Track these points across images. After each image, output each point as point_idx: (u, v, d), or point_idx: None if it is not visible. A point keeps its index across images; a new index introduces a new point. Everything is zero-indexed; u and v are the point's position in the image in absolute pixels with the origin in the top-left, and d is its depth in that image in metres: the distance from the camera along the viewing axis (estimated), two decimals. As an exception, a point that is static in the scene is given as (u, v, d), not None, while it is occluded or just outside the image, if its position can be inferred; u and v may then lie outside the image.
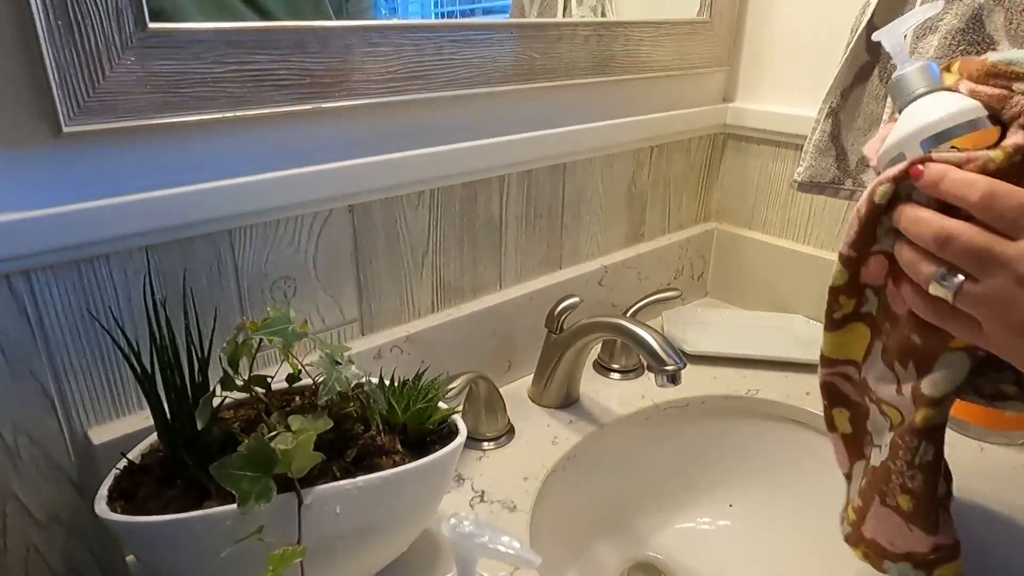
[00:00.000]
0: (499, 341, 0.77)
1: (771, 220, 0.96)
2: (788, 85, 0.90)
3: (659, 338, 0.64)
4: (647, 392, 0.79)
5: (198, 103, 0.49)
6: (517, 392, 0.79)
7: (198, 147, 0.52)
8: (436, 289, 0.71)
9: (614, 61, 0.77)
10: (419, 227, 0.67)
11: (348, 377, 0.48)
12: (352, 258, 0.63)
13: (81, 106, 0.45)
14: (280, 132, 0.55)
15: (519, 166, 0.73)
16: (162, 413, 0.47)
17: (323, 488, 0.44)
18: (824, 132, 0.73)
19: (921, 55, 0.64)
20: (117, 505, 0.45)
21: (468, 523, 0.39)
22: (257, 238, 0.57)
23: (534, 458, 0.68)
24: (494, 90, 0.67)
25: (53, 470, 0.52)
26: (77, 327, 0.50)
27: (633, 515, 0.77)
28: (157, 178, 0.50)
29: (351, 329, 0.66)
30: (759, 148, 0.95)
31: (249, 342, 0.47)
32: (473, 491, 0.63)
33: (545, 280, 0.81)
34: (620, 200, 0.87)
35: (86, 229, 0.47)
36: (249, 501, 0.41)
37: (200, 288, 0.55)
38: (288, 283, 0.60)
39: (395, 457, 0.50)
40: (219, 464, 0.41)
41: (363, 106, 0.59)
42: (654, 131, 0.86)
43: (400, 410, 0.53)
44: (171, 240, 0.52)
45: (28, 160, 0.45)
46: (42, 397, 0.50)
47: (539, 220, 0.78)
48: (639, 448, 0.78)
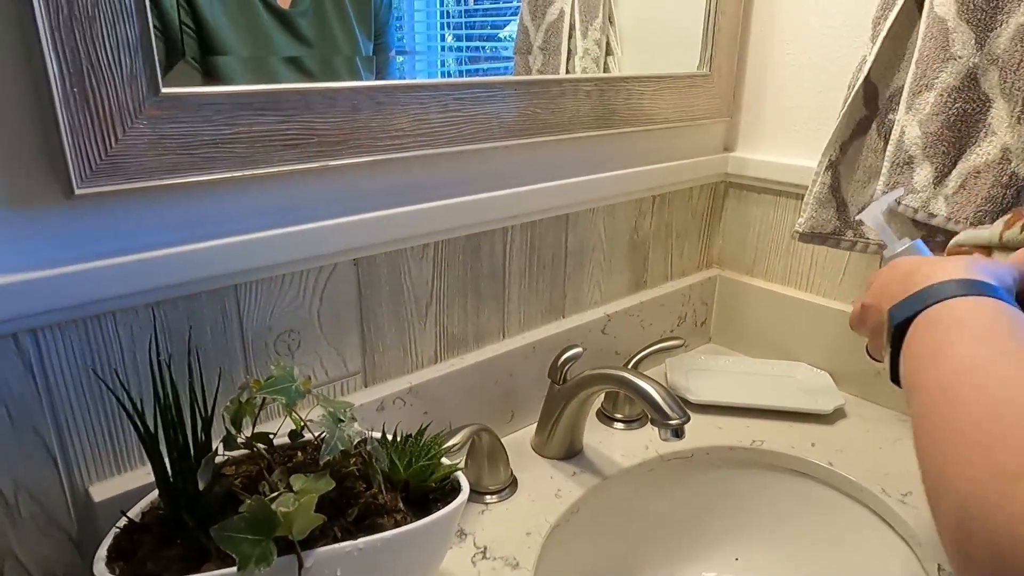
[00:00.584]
0: (502, 391, 0.77)
1: (773, 268, 0.96)
2: (787, 136, 0.91)
3: (662, 391, 0.64)
4: (651, 443, 0.78)
5: (207, 163, 0.50)
6: (520, 442, 0.78)
7: (206, 205, 0.53)
8: (439, 339, 0.72)
9: (616, 115, 0.79)
10: (423, 279, 0.68)
11: (351, 435, 0.48)
12: (356, 310, 0.64)
13: (93, 169, 0.46)
14: (287, 189, 0.56)
15: (522, 218, 0.74)
16: (164, 472, 0.46)
17: (324, 551, 0.44)
18: (824, 184, 0.74)
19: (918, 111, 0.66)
20: (116, 566, 0.45)
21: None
22: (262, 293, 0.57)
23: (537, 512, 0.67)
24: (498, 145, 0.68)
25: (52, 527, 0.52)
26: (81, 384, 0.50)
27: (637, 569, 0.76)
28: (165, 236, 0.51)
29: (354, 381, 0.66)
30: (760, 197, 0.96)
31: (252, 401, 0.47)
32: (475, 547, 0.62)
33: (548, 329, 0.81)
34: (622, 248, 0.88)
35: (94, 287, 0.48)
36: (249, 565, 0.40)
37: (205, 342, 0.55)
38: (292, 336, 0.60)
39: (396, 516, 0.49)
40: (220, 527, 0.41)
41: (368, 163, 0.60)
42: (656, 181, 0.87)
43: (402, 467, 0.52)
44: (177, 296, 0.53)
45: (39, 221, 0.46)
46: (44, 454, 0.50)
47: (542, 270, 0.79)
48: (643, 500, 0.77)
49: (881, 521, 0.71)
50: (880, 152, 0.73)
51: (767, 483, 0.79)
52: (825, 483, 0.75)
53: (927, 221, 0.67)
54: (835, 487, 0.75)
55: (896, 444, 0.79)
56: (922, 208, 0.67)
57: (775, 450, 0.78)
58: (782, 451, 0.77)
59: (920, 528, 0.66)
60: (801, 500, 0.77)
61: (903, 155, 0.68)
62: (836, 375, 0.89)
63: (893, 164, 0.69)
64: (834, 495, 0.75)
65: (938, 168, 0.66)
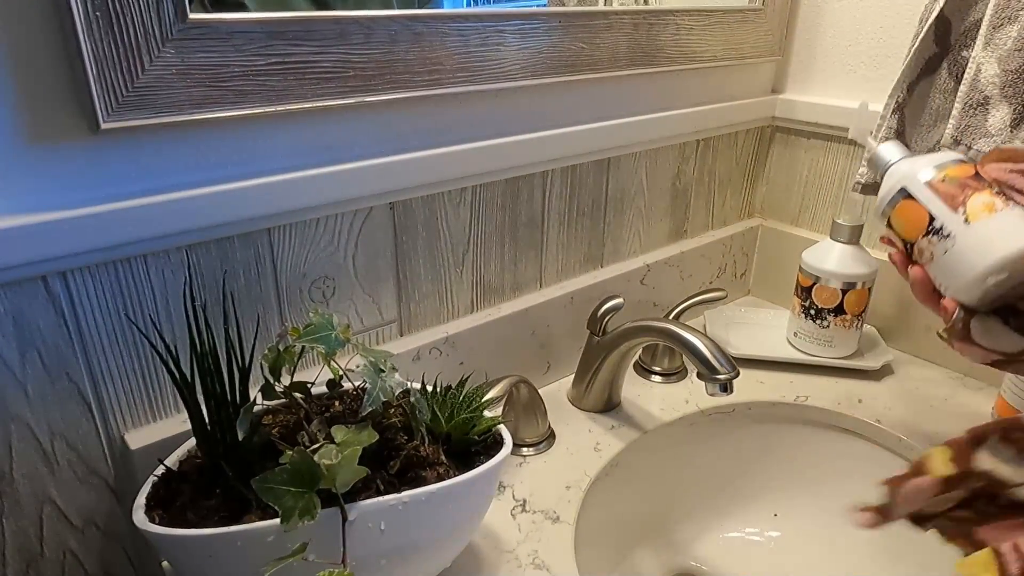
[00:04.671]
0: (538, 341, 0.75)
1: (820, 217, 0.92)
2: (842, 76, 0.85)
3: (711, 345, 0.61)
4: (691, 396, 0.76)
5: (238, 97, 0.47)
6: (556, 394, 0.76)
7: (238, 143, 0.50)
8: (476, 288, 0.69)
9: (661, 52, 0.74)
10: (460, 225, 0.65)
11: (392, 386, 0.46)
12: (392, 257, 0.61)
13: (120, 101, 0.43)
14: (321, 127, 0.53)
15: (563, 161, 0.70)
16: (201, 421, 0.45)
17: (368, 503, 0.42)
18: (890, 129, 0.69)
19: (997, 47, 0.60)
20: (155, 515, 0.44)
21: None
22: (296, 237, 0.55)
23: (576, 465, 0.66)
24: (539, 82, 0.64)
25: (90, 475, 0.51)
26: (114, 329, 0.49)
27: (675, 523, 0.75)
28: (196, 176, 0.48)
29: (390, 330, 0.64)
30: (808, 142, 0.91)
31: (291, 349, 0.45)
32: (514, 500, 0.61)
33: (586, 279, 0.78)
34: (664, 196, 0.84)
35: (124, 229, 0.45)
36: (293, 518, 0.39)
37: (238, 288, 0.53)
38: (327, 283, 0.58)
39: (439, 469, 0.48)
40: (261, 479, 0.40)
41: (406, 99, 0.56)
42: (701, 124, 0.82)
43: (444, 419, 0.51)
44: (209, 240, 0.50)
45: (65, 158, 0.43)
46: (79, 400, 0.49)
47: (581, 217, 0.76)
48: (683, 455, 0.75)
49: (931, 480, 0.68)
50: (950, 93, 0.68)
51: (810, 439, 0.76)
52: (872, 441, 0.73)
53: (1000, 167, 0.62)
54: (883, 445, 0.72)
55: (946, 402, 0.76)
56: (996, 153, 0.62)
57: (820, 406, 0.75)
58: (828, 407, 0.75)
59: (974, 489, 0.63)
60: (845, 458, 0.75)
61: (978, 95, 0.63)
62: (883, 330, 0.86)
63: (966, 105, 0.64)
64: (881, 453, 0.72)
65: (1017, 110, 0.61)
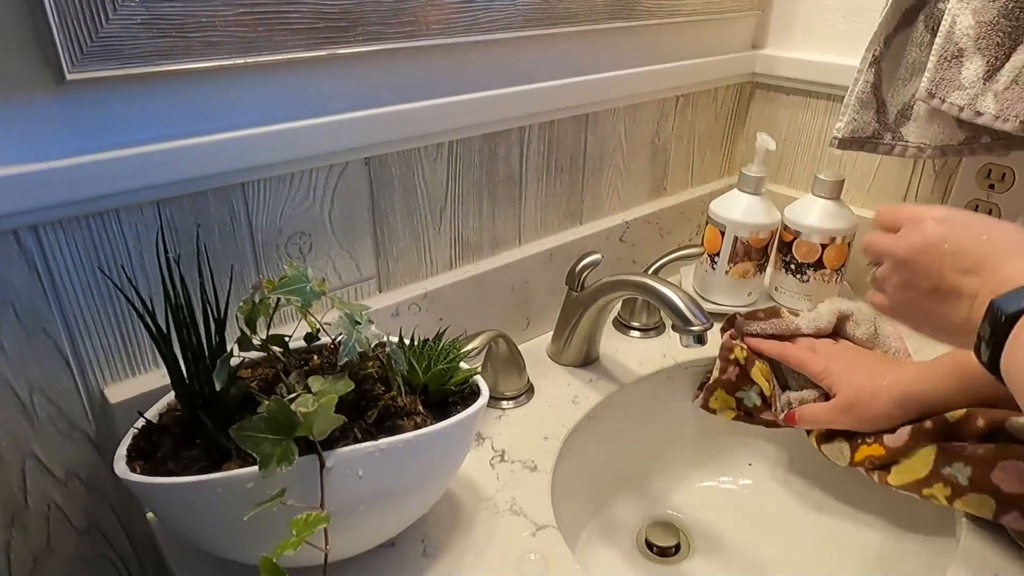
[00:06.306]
0: (518, 298, 0.76)
1: (798, 175, 0.93)
2: (823, 31, 0.85)
3: (685, 297, 0.62)
4: (668, 351, 0.78)
5: (206, 48, 0.47)
6: (536, 350, 0.77)
7: (208, 96, 0.49)
8: (454, 245, 0.69)
9: (640, 4, 0.73)
10: (437, 181, 0.65)
11: (368, 338, 0.46)
12: (369, 213, 0.61)
13: (84, 51, 0.42)
14: (293, 80, 0.53)
15: (541, 116, 0.70)
16: (179, 373, 0.45)
17: (345, 451, 0.43)
18: (867, 83, 0.69)
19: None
20: (136, 465, 0.45)
21: None
22: (271, 192, 0.55)
23: (554, 417, 0.67)
24: (515, 35, 0.64)
25: (71, 428, 0.52)
26: (89, 284, 0.49)
27: (652, 474, 0.76)
28: (165, 129, 0.48)
29: (368, 286, 0.64)
30: (788, 98, 0.91)
31: (267, 301, 0.45)
32: (493, 451, 0.63)
33: (565, 236, 0.78)
34: (643, 153, 0.84)
35: (93, 182, 0.45)
36: (271, 464, 0.40)
37: (214, 244, 0.53)
38: (304, 239, 0.58)
39: (416, 418, 0.49)
40: (239, 427, 0.40)
41: (380, 52, 0.56)
42: (680, 80, 0.82)
43: (421, 371, 0.51)
44: (182, 194, 0.50)
45: (32, 110, 0.43)
46: (56, 355, 0.49)
47: (560, 174, 0.76)
48: (659, 407, 0.76)
49: (899, 428, 0.70)
50: (926, 46, 0.68)
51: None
52: (843, 391, 0.75)
53: (972, 120, 0.63)
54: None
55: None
56: (968, 106, 0.63)
57: (794, 359, 0.77)
58: (801, 360, 0.76)
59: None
60: (818, 408, 0.76)
61: (952, 47, 0.63)
62: (855, 284, 0.87)
63: (941, 58, 0.64)
64: (852, 403, 0.74)
65: (990, 61, 0.62)
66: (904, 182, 0.83)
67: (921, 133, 0.70)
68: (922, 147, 0.70)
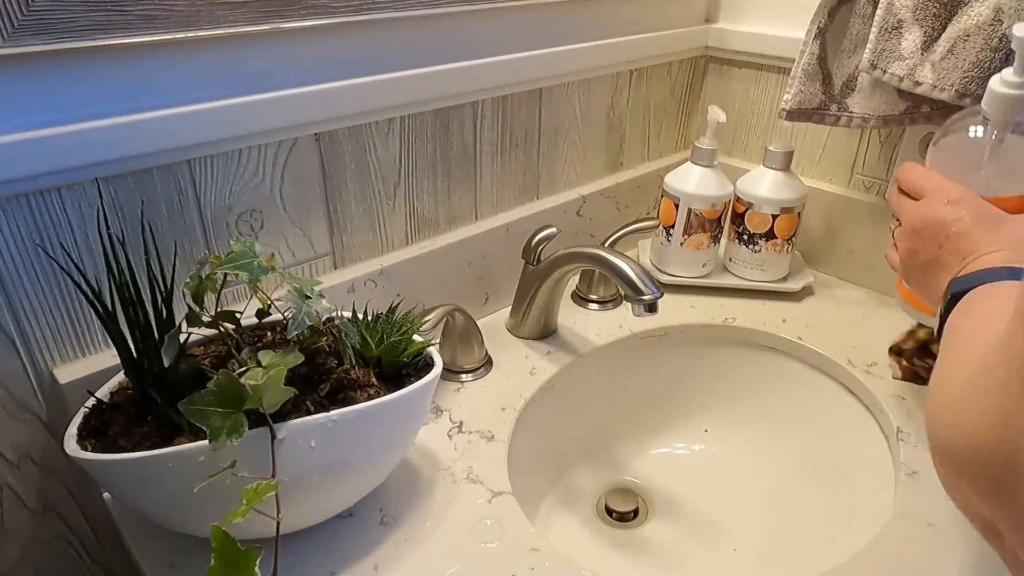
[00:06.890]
0: (476, 273, 0.76)
1: (751, 147, 0.94)
2: (774, 4, 0.86)
3: (636, 267, 0.63)
4: (625, 322, 0.79)
5: (144, 22, 0.46)
6: (495, 324, 0.78)
7: (149, 72, 0.48)
8: (410, 221, 0.70)
9: (592, -22, 0.73)
10: (390, 157, 0.65)
11: (319, 311, 0.47)
12: (321, 190, 0.61)
13: (16, 25, 0.41)
14: (237, 55, 0.52)
15: (494, 91, 0.70)
16: (128, 351, 0.45)
17: (297, 422, 0.44)
18: (813, 55, 0.71)
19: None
20: (87, 444, 0.45)
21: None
22: (218, 169, 0.54)
23: (512, 389, 0.68)
24: (465, 9, 0.63)
25: (21, 411, 0.51)
26: (34, 265, 0.48)
27: (611, 442, 0.78)
28: (106, 106, 0.47)
29: (323, 263, 0.64)
30: (741, 72, 0.92)
31: (213, 276, 0.45)
32: (451, 422, 0.64)
33: (522, 211, 0.79)
34: (598, 127, 0.85)
35: (32, 160, 0.44)
36: (220, 437, 0.40)
37: (162, 222, 0.53)
38: (255, 216, 0.58)
39: (370, 390, 0.49)
40: (188, 400, 0.41)
41: (326, 26, 0.55)
42: (634, 53, 0.83)
43: (374, 344, 0.52)
44: (126, 172, 0.50)
45: (-38, 86, 0.42)
46: (2, 337, 0.48)
47: (515, 149, 0.76)
48: (617, 377, 0.78)
49: (846, 391, 0.73)
50: (869, 18, 0.70)
51: (738, 359, 0.80)
52: (794, 357, 0.77)
53: (912, 90, 0.65)
54: (803, 360, 0.77)
55: (864, 320, 0.80)
56: (908, 76, 0.65)
57: (747, 327, 0.79)
58: (754, 327, 0.79)
59: (882, 396, 0.68)
60: (770, 374, 0.79)
61: (892, 19, 0.65)
62: (806, 253, 0.90)
63: (881, 30, 0.66)
64: (802, 368, 0.77)
65: (927, 32, 0.63)
66: (852, 152, 0.85)
67: (865, 104, 0.72)
68: (866, 117, 0.72)
